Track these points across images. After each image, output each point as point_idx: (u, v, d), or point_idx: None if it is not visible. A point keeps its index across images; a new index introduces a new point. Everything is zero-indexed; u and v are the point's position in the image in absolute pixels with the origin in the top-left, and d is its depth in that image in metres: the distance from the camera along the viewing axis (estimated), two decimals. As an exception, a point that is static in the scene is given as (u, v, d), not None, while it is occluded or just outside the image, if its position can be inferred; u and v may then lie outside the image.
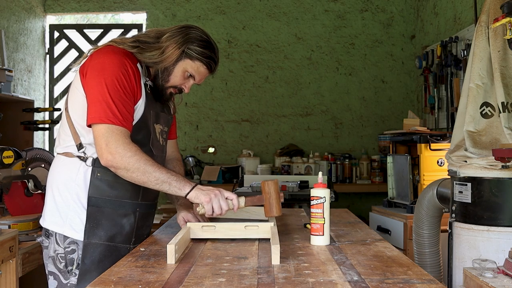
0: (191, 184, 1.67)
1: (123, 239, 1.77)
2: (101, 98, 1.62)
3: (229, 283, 1.21)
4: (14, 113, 3.59)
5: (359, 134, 4.95)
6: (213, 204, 1.65)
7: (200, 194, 1.65)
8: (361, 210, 4.62)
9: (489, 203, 1.95)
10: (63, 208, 1.74)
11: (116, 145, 1.60)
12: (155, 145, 1.83)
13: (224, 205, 1.67)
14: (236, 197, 1.70)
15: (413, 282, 1.21)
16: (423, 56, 4.29)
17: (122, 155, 1.60)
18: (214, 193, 1.66)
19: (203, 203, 1.65)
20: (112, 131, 1.60)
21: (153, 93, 1.82)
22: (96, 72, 1.65)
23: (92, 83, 1.65)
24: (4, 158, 2.25)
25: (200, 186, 1.67)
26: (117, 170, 1.63)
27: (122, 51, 1.72)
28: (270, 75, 4.93)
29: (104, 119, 1.60)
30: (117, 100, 1.63)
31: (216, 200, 1.65)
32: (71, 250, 1.72)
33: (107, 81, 1.63)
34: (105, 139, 1.60)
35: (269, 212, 1.74)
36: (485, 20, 2.09)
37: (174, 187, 1.65)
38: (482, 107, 2.06)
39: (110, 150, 1.59)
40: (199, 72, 1.81)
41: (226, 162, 4.88)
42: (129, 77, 1.67)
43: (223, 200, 1.67)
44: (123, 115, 1.63)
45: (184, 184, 1.66)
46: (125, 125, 1.64)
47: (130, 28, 4.99)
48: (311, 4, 4.92)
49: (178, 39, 1.75)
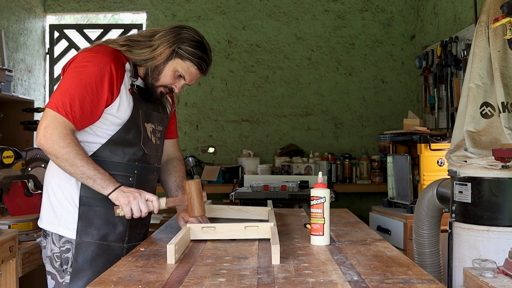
0: (115, 185, 1.67)
1: (116, 238, 1.78)
2: (65, 88, 1.66)
3: (229, 283, 1.21)
4: (14, 113, 3.59)
5: (359, 134, 4.94)
6: (132, 206, 1.66)
7: (120, 195, 1.66)
8: (361, 210, 4.62)
9: (489, 203, 1.95)
10: (58, 208, 1.76)
11: (52, 132, 1.62)
12: (147, 144, 1.84)
13: (143, 207, 1.67)
14: (156, 198, 1.71)
15: (413, 282, 1.21)
16: (423, 56, 4.29)
17: (55, 143, 1.62)
18: (133, 195, 1.66)
19: (122, 205, 1.66)
20: (55, 119, 1.63)
21: (143, 92, 1.82)
22: (73, 66, 1.70)
23: (66, 74, 1.70)
24: (4, 158, 2.25)
25: (122, 188, 1.68)
26: (48, 154, 1.66)
27: (109, 51, 1.74)
28: (270, 75, 4.93)
29: (56, 106, 1.63)
30: (80, 96, 1.65)
31: (135, 203, 1.66)
32: (66, 249, 1.74)
33: (81, 76, 1.66)
34: (46, 122, 1.63)
35: (191, 212, 1.77)
36: (485, 20, 2.09)
37: (98, 185, 1.66)
38: (482, 107, 2.06)
39: (45, 134, 1.62)
40: (190, 73, 1.81)
41: (226, 162, 4.88)
42: (106, 78, 1.68)
43: (143, 202, 1.67)
44: (75, 111, 1.65)
45: (109, 183, 1.67)
46: (72, 120, 1.65)
47: (130, 28, 4.99)
48: (311, 4, 4.92)
49: (169, 38, 1.76)
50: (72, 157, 1.63)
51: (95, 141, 1.74)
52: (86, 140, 1.74)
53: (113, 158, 1.75)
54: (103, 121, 1.73)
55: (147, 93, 1.83)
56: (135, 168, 1.80)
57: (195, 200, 1.75)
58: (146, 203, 1.68)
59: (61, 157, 1.63)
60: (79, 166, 1.63)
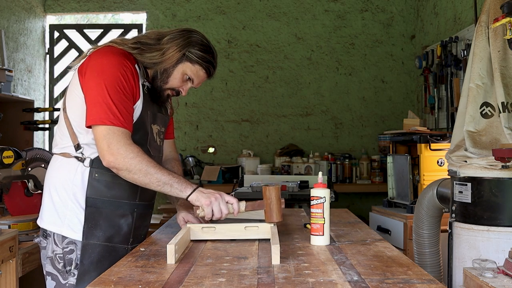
0: (193, 186, 1.68)
1: (121, 240, 1.77)
2: (101, 99, 1.62)
3: (229, 283, 1.21)
4: (14, 113, 3.60)
5: (359, 134, 4.95)
6: (213, 207, 1.66)
7: (201, 196, 1.66)
8: (361, 210, 4.62)
9: (489, 203, 1.95)
10: (61, 208, 1.74)
11: (118, 147, 1.60)
12: (153, 146, 1.84)
13: (224, 209, 1.67)
14: (236, 201, 1.70)
15: (413, 282, 1.21)
16: (423, 56, 4.29)
17: (124, 156, 1.60)
18: (214, 196, 1.67)
19: (203, 205, 1.65)
20: (114, 132, 1.61)
21: (151, 94, 1.82)
22: (95, 73, 1.65)
23: (91, 84, 1.65)
24: (4, 158, 2.25)
25: (201, 189, 1.68)
26: (119, 171, 1.63)
27: (121, 52, 1.73)
28: (270, 75, 4.93)
29: (104, 120, 1.61)
30: (117, 101, 1.63)
31: (216, 204, 1.66)
32: (70, 250, 1.72)
33: (107, 82, 1.63)
34: (106, 141, 1.60)
35: (270, 218, 1.74)
36: (485, 20, 2.09)
37: (175, 189, 1.65)
38: (482, 107, 2.06)
39: (112, 151, 1.60)
40: (198, 76, 1.82)
41: (226, 162, 4.88)
42: (128, 78, 1.68)
43: (223, 204, 1.67)
44: (123, 116, 1.64)
45: (186, 186, 1.67)
46: (126, 126, 1.64)
47: (130, 28, 4.99)
48: (311, 4, 4.92)
49: (179, 41, 1.76)
50: (145, 166, 1.61)
51: None
52: (92, 142, 1.70)
53: None
54: None
55: (156, 95, 1.83)
56: None
57: (274, 206, 1.72)
58: (226, 205, 1.68)
59: (134, 169, 1.61)
60: (154, 174, 1.62)
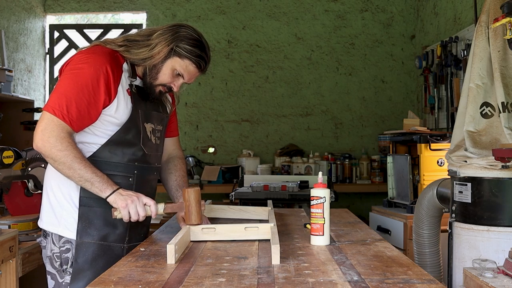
0: (113, 188, 1.67)
1: (116, 238, 1.78)
2: (62, 91, 1.66)
3: (229, 283, 1.21)
4: (14, 113, 3.60)
5: (359, 134, 4.94)
6: (129, 209, 1.66)
7: (118, 198, 1.66)
8: (361, 210, 4.62)
9: (489, 203, 1.95)
10: (58, 209, 1.76)
11: (49, 135, 1.62)
12: (147, 144, 1.84)
13: (141, 211, 1.67)
14: (154, 203, 1.71)
15: (413, 282, 1.21)
16: (423, 56, 4.29)
17: (52, 146, 1.62)
18: (131, 198, 1.67)
19: (119, 208, 1.66)
20: (53, 122, 1.63)
21: (141, 92, 1.82)
22: (70, 67, 1.69)
23: (63, 77, 1.69)
24: (4, 158, 2.25)
25: (120, 191, 1.67)
26: (45, 157, 1.66)
27: (106, 51, 1.73)
28: (270, 75, 4.93)
29: (52, 109, 1.63)
30: (77, 98, 1.64)
31: (133, 206, 1.66)
32: (66, 249, 1.74)
33: (77, 78, 1.66)
34: (43, 125, 1.63)
35: (188, 220, 1.76)
36: (485, 20, 2.09)
37: (96, 188, 1.66)
38: (482, 107, 2.06)
39: (43, 137, 1.62)
40: (188, 71, 1.80)
41: (226, 162, 4.88)
42: (102, 80, 1.68)
43: (140, 206, 1.68)
44: (73, 113, 1.64)
45: (107, 186, 1.67)
46: (69, 123, 1.64)
47: (130, 28, 4.99)
48: (311, 4, 4.92)
49: (167, 36, 1.75)
50: (70, 160, 1.62)
51: (94, 142, 1.74)
52: (85, 141, 1.74)
53: (112, 159, 1.75)
54: (102, 122, 1.73)
55: (146, 93, 1.83)
56: (135, 168, 1.80)
57: (193, 208, 1.75)
58: (144, 207, 1.68)
59: (59, 160, 1.63)
60: (77, 169, 1.63)
